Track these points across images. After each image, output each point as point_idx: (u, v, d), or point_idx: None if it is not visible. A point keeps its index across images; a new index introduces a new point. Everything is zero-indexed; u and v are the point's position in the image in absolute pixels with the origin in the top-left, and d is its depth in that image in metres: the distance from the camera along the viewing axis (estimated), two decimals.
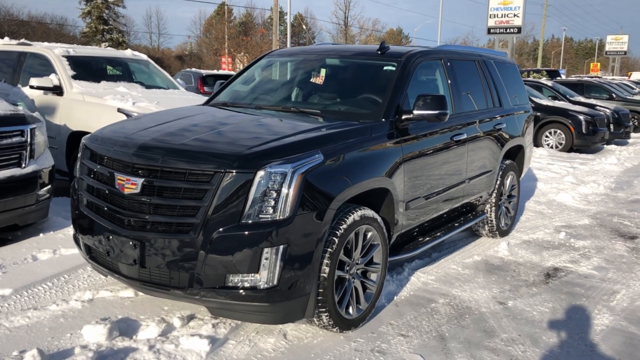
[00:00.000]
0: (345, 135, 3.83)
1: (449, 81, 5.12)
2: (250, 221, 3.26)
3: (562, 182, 10.21)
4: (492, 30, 37.87)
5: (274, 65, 5.39)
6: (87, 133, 6.61)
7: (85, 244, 3.89)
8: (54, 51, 7.33)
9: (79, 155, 4.12)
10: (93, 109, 6.62)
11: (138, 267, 3.47)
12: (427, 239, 4.89)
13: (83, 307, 4.00)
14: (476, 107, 5.53)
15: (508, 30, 37.26)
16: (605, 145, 16.51)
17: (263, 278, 3.29)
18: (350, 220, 3.65)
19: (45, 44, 7.99)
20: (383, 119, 4.22)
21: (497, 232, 6.25)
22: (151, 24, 73.69)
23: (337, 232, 3.57)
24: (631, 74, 53.35)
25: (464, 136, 5.11)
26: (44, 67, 7.33)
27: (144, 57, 8.65)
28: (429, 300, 4.51)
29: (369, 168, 3.87)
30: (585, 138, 14.85)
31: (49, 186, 5.60)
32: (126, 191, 3.47)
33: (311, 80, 4.97)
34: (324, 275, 3.52)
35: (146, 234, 3.42)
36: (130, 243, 3.44)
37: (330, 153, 3.58)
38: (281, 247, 3.27)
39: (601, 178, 10.94)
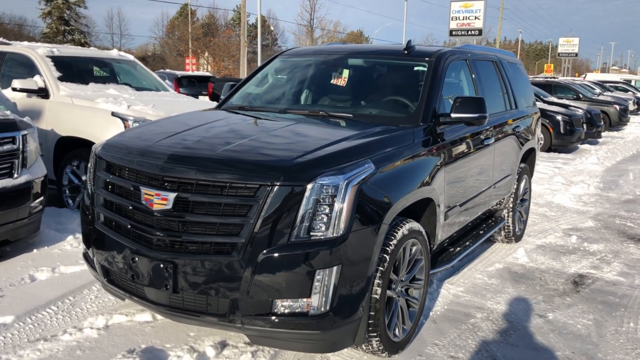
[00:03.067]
0: (391, 141, 3.53)
1: (475, 83, 4.87)
2: (300, 240, 2.92)
3: (553, 183, 10.15)
4: (454, 32, 38.35)
5: (288, 66, 5.04)
6: (77, 138, 6.21)
7: (101, 265, 3.48)
8: (37, 51, 6.82)
9: (89, 166, 3.71)
10: (84, 112, 6.15)
11: (169, 293, 3.09)
12: (458, 249, 4.63)
13: (100, 336, 3.59)
14: (499, 109, 5.30)
15: (469, 32, 37.79)
16: (579, 145, 16.61)
17: (314, 303, 2.96)
18: (399, 234, 3.35)
19: (26, 43, 7.45)
20: (422, 123, 3.93)
21: (512, 238, 6.05)
22: (112, 25, 71.85)
23: (387, 248, 3.26)
24: (586, 75, 54.52)
25: (492, 140, 4.88)
26: (26, 68, 6.81)
27: (131, 57, 8.16)
28: (466, 315, 4.25)
29: (415, 176, 3.58)
30: (563, 138, 14.89)
31: (42, 197, 5.14)
32: (155, 207, 3.08)
33: (332, 82, 4.65)
34: (376, 296, 3.21)
35: (179, 255, 3.05)
36: (161, 265, 3.06)
37: (380, 161, 3.27)
38: (334, 268, 2.95)
39: (588, 178, 10.92)
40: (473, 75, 4.87)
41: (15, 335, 3.58)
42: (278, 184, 2.91)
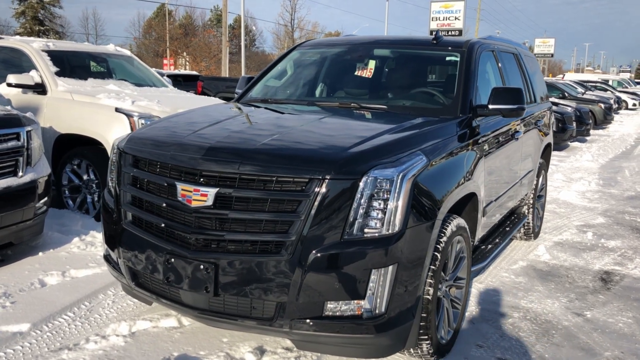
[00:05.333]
0: (438, 133, 3.35)
1: (502, 74, 4.71)
2: (354, 237, 2.72)
3: (554, 180, 10.08)
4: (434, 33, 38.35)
5: (308, 58, 4.83)
6: (78, 136, 5.91)
7: (129, 268, 3.22)
8: (32, 45, 6.49)
9: (110, 162, 3.46)
10: (85, 108, 5.85)
11: (210, 296, 2.86)
12: (490, 246, 4.47)
13: (127, 344, 3.33)
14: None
15: (450, 33, 37.92)
16: (569, 143, 16.64)
17: (368, 305, 2.76)
18: (449, 231, 3.16)
19: (18, 37, 7.12)
20: (461, 115, 3.75)
21: (531, 235, 5.91)
22: (88, 26, 70.60)
23: (439, 246, 3.06)
24: (564, 75, 55.18)
25: (521, 133, 4.72)
26: (19, 63, 6.48)
27: (127, 52, 7.86)
28: (502, 315, 4.08)
29: (461, 170, 3.40)
30: (556, 135, 14.83)
31: (46, 198, 4.85)
32: (194, 204, 2.85)
33: (356, 73, 4.45)
34: (428, 297, 3.02)
35: (221, 255, 2.82)
36: (201, 267, 2.83)
37: (430, 153, 3.08)
38: (390, 267, 2.75)
39: (587, 175, 10.90)
40: (500, 66, 4.71)
41: (34, 344, 3.32)
42: (329, 177, 2.70)
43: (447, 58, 4.25)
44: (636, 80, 63.92)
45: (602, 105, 21.42)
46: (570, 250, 5.83)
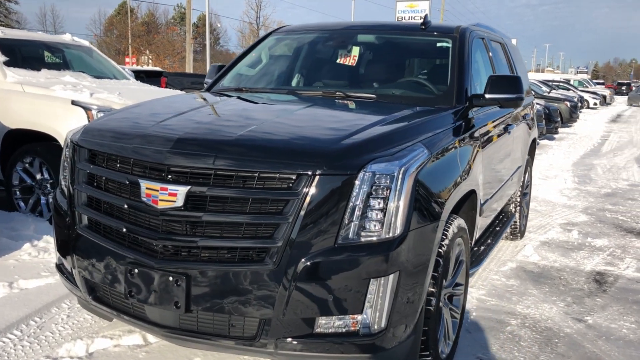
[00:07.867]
0: (436, 124, 3.00)
1: (492, 64, 4.40)
2: (349, 242, 2.34)
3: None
4: None
5: (285, 45, 4.43)
6: (30, 131, 5.39)
7: (85, 280, 2.78)
8: None
9: (63, 157, 3.01)
10: (39, 101, 5.33)
11: (180, 312, 2.45)
12: (482, 248, 4.15)
13: None
14: None
15: None
16: (539, 141, 16.60)
17: (366, 320, 2.39)
18: (450, 233, 2.81)
19: None
20: (457, 105, 3.41)
21: (518, 234, 5.64)
22: (46, 22, 68.53)
23: (441, 250, 2.71)
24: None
25: (514, 127, 4.43)
26: None
27: (86, 43, 7.33)
28: (499, 323, 3.77)
29: (462, 164, 3.05)
30: None
31: None
32: (161, 205, 2.43)
33: (338, 61, 4.07)
34: (430, 308, 2.66)
35: (194, 265, 2.41)
36: (170, 279, 2.42)
37: (432, 146, 2.73)
38: (391, 276, 2.38)
39: (561, 172, 10.79)
40: (490, 55, 4.40)
41: None
42: (321, 173, 2.32)
43: (438, 44, 3.92)
44: (595, 81, 65.28)
45: (568, 104, 21.53)
46: (558, 250, 5.58)
